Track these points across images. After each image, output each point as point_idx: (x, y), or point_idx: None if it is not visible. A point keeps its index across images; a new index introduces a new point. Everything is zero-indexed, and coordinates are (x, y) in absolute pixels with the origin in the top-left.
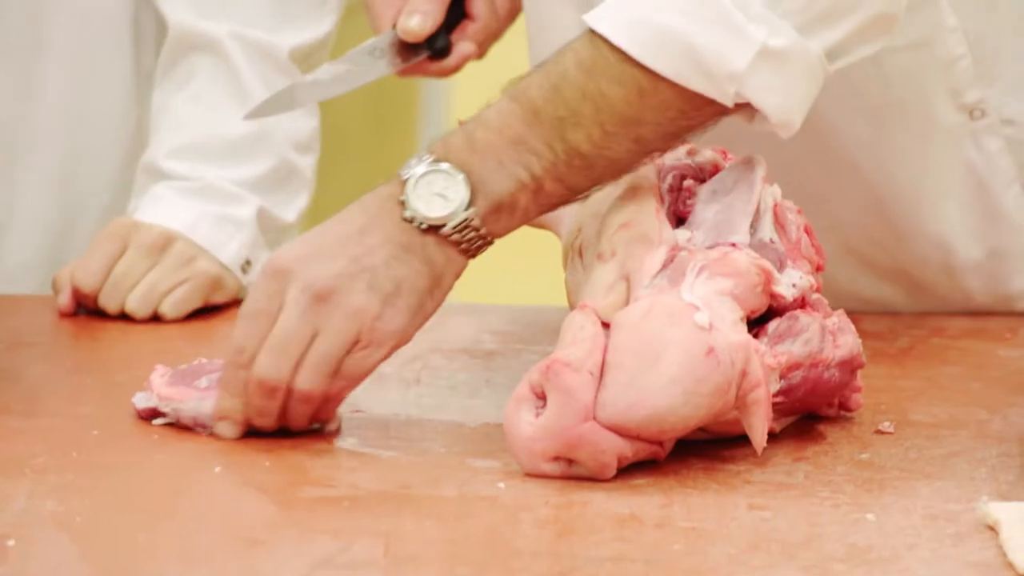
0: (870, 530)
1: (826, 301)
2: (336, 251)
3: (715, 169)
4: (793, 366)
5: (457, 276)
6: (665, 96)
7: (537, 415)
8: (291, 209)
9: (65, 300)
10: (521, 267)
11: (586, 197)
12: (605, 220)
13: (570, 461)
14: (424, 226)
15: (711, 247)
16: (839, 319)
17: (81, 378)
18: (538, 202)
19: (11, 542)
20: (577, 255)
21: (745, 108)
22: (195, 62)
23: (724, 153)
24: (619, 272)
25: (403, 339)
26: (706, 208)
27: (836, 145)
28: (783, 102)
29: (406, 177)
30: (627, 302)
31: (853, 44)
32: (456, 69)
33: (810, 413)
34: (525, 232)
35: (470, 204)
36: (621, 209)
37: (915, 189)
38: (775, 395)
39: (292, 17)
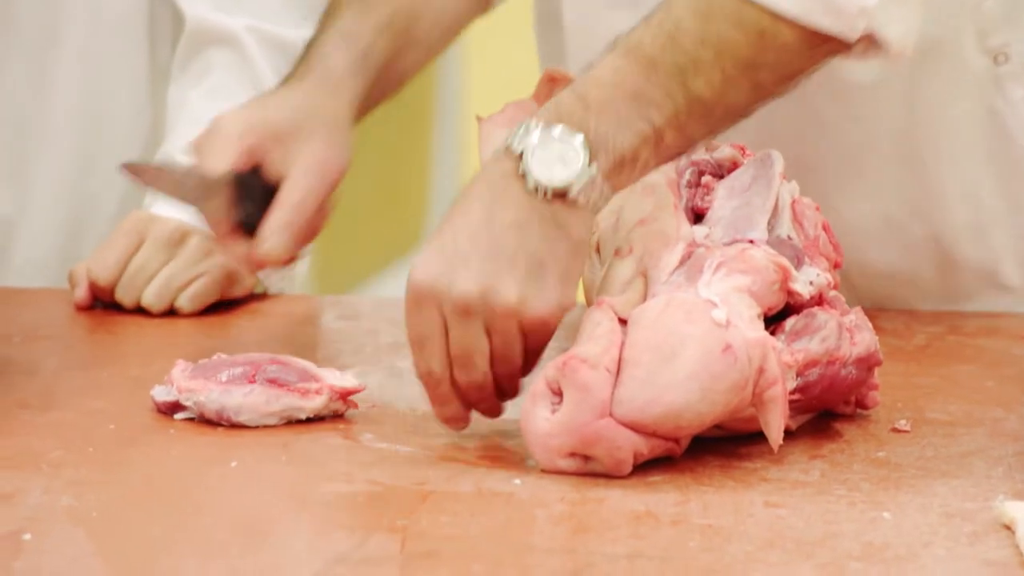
0: (886, 528)
1: (843, 298)
2: (469, 253)
3: (733, 165)
4: (810, 363)
5: (590, 231)
6: (785, 37)
7: (553, 411)
8: None
9: (82, 294)
10: None
11: (699, 148)
12: (623, 216)
13: (586, 457)
14: (549, 194)
15: (729, 243)
16: (856, 316)
17: (97, 372)
18: (658, 154)
19: (27, 536)
20: (594, 251)
21: (861, 42)
22: (212, 56)
23: (743, 149)
24: (636, 268)
25: (566, 306)
26: (724, 204)
27: (871, 101)
28: (904, 31)
29: (520, 150)
30: (644, 298)
31: None
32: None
33: (827, 411)
34: None
35: (591, 160)
36: (639, 205)
37: (945, 141)
38: (792, 392)
39: (308, 11)
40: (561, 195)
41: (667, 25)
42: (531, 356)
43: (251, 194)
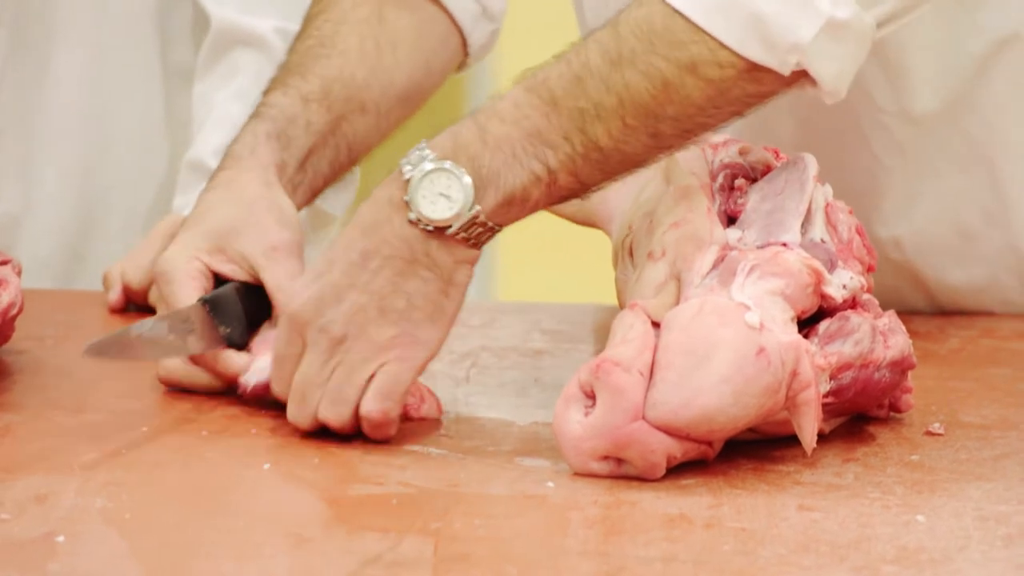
0: (920, 532)
1: (876, 302)
2: (343, 285)
3: (767, 168)
4: (843, 367)
5: (470, 267)
6: (688, 90)
7: (586, 414)
8: (339, 204)
9: (115, 296)
10: (571, 266)
11: (591, 194)
12: (656, 219)
13: (619, 460)
14: (430, 228)
15: (762, 247)
16: (890, 320)
17: (130, 374)
18: (549, 195)
19: (60, 538)
20: (627, 254)
21: (796, 77)
22: (238, 58)
23: (776, 152)
24: (669, 271)
25: (431, 350)
26: (757, 207)
27: (938, 109)
28: (839, 71)
29: (408, 176)
30: (677, 301)
31: (902, 12)
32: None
33: (860, 414)
34: (575, 231)
35: (476, 202)
36: (672, 208)
37: (1016, 143)
38: (825, 396)
39: None
40: (440, 230)
41: (575, 65)
42: (389, 403)
43: (225, 312)
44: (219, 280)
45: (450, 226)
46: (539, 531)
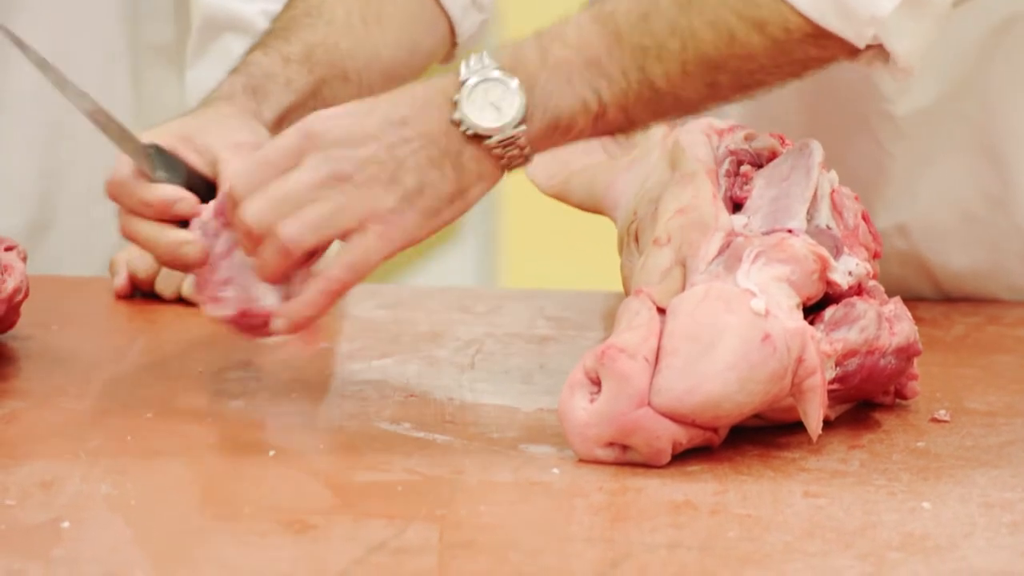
0: (926, 518)
1: (882, 288)
2: (373, 134)
3: (772, 155)
4: (849, 353)
5: (485, 191)
6: (753, 47)
7: (592, 401)
8: None
9: (121, 282)
10: (576, 253)
11: (634, 132)
12: (661, 205)
13: (624, 447)
14: (470, 132)
15: (768, 233)
16: (895, 306)
17: (135, 361)
18: (594, 127)
19: (65, 524)
20: (633, 240)
21: (868, 51)
22: (229, 42)
23: (782, 139)
24: (675, 257)
25: (411, 240)
26: (763, 194)
27: (940, 95)
28: (913, 47)
29: (464, 78)
30: (683, 288)
31: None
32: None
33: (866, 401)
34: (580, 217)
35: (522, 121)
36: (678, 194)
37: (1019, 124)
38: (831, 382)
39: None
40: (479, 139)
41: (644, 3)
42: (340, 270)
43: (171, 166)
44: None
45: (490, 137)
46: (544, 518)
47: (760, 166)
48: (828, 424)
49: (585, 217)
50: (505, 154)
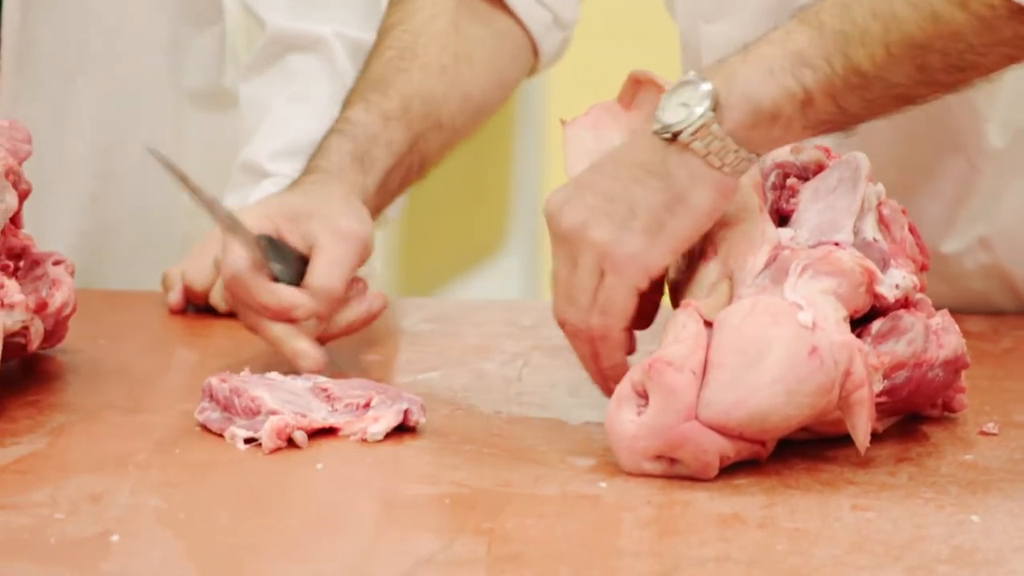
0: (975, 532)
1: (929, 301)
2: (589, 188)
3: (819, 167)
4: (897, 366)
5: (712, 193)
6: (959, 25)
7: (639, 414)
8: (393, 205)
9: (176, 297)
10: None
11: (855, 126)
12: None
13: (672, 460)
14: (667, 135)
15: (814, 246)
16: (943, 319)
17: (186, 374)
18: (806, 116)
19: (115, 538)
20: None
21: None
22: (294, 62)
23: (828, 151)
24: (722, 271)
25: (648, 260)
26: (809, 206)
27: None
28: None
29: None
30: (730, 301)
31: None
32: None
33: (913, 414)
34: None
35: (712, 108)
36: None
37: None
38: (878, 395)
39: None
40: (675, 136)
41: None
42: (606, 318)
43: (282, 253)
44: None
45: (682, 131)
46: (592, 531)
47: (806, 179)
48: (876, 437)
49: None
50: (707, 148)
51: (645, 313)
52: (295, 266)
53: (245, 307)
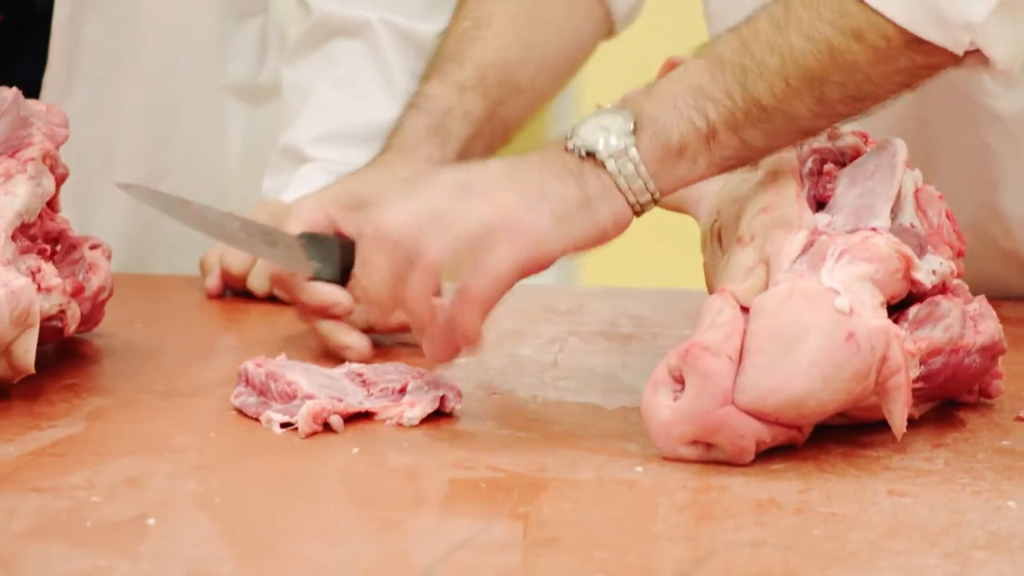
0: (1012, 517)
1: (967, 287)
2: (494, 169)
3: (856, 153)
4: (933, 352)
5: (613, 214)
6: (854, 56)
7: (675, 399)
8: None
9: (214, 281)
10: (659, 250)
11: (757, 159)
12: (744, 203)
13: (708, 445)
14: (583, 152)
15: (851, 231)
16: (980, 305)
17: (222, 359)
18: (711, 151)
19: (151, 521)
20: (716, 239)
21: (968, 57)
22: (339, 46)
23: (865, 137)
24: (758, 256)
25: (544, 247)
26: (846, 192)
27: None
28: (1012, 51)
29: (574, 123)
30: (766, 286)
31: None
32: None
33: (950, 399)
34: (663, 215)
35: (632, 134)
36: (761, 193)
37: None
38: (915, 381)
39: (436, 4)
40: (592, 155)
41: (744, 32)
42: (482, 279)
43: (320, 250)
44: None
45: (601, 151)
46: (628, 516)
47: (843, 164)
48: (912, 423)
49: (668, 215)
50: (620, 171)
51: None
52: (345, 257)
53: (296, 307)
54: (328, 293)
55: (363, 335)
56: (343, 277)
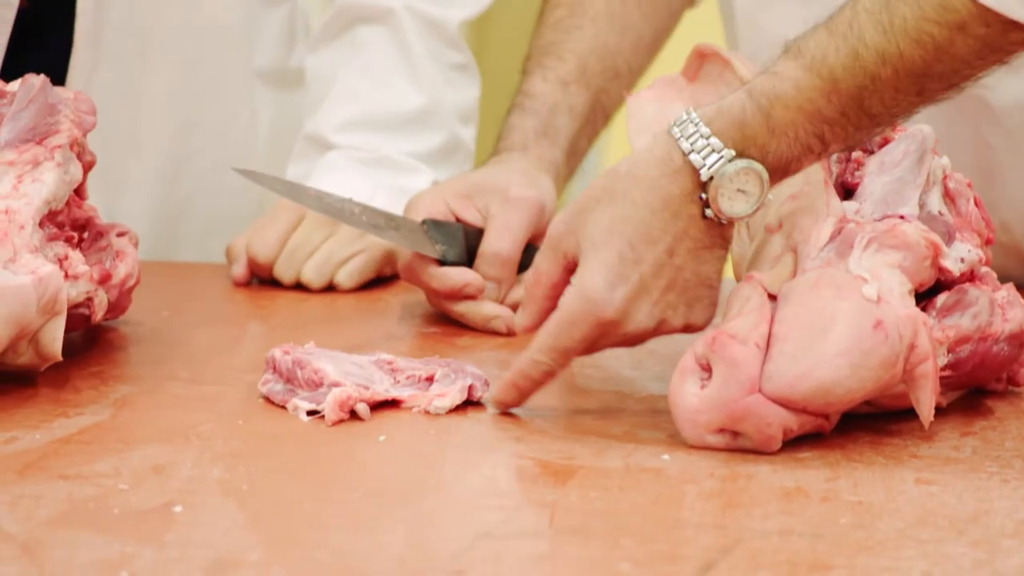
0: None
1: (995, 275)
2: (651, 287)
3: (884, 140)
4: (961, 340)
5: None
6: (958, 49)
7: (702, 387)
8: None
9: (240, 270)
10: None
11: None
12: (773, 192)
13: (735, 433)
14: (725, 221)
15: (879, 219)
16: (1008, 293)
17: (249, 346)
18: (818, 160)
19: (178, 508)
20: (744, 226)
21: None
22: (363, 33)
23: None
24: (786, 244)
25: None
26: (875, 180)
27: None
28: None
29: (706, 177)
30: (794, 274)
31: None
32: (452, 291)
33: (978, 387)
34: None
35: (769, 192)
36: (789, 180)
37: None
38: (943, 369)
39: None
40: (733, 221)
41: (851, 39)
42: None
43: (444, 233)
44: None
45: (746, 216)
46: (655, 504)
47: (872, 152)
48: (940, 411)
49: None
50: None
51: None
52: (467, 241)
53: (427, 293)
54: (460, 275)
55: (502, 306)
56: (468, 260)
